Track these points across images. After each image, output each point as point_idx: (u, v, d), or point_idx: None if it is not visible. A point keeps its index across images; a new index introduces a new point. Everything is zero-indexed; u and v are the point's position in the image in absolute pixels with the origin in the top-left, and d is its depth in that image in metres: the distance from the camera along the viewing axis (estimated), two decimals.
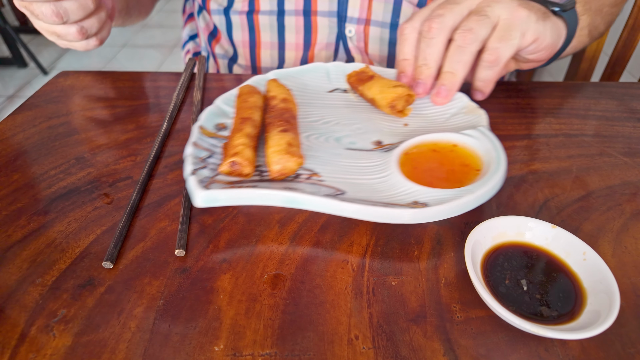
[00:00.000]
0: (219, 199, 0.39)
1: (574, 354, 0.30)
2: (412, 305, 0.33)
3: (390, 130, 0.49)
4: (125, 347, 0.31)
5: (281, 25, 0.70)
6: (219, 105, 0.49)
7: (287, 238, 0.39)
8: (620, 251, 0.38)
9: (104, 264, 0.36)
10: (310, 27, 0.69)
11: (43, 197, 0.43)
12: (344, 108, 0.53)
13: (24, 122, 0.54)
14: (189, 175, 0.40)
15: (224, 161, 0.41)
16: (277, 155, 0.41)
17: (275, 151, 0.41)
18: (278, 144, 0.42)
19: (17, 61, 2.44)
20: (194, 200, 0.39)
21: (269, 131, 0.44)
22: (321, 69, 0.58)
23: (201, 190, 0.38)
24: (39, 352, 0.30)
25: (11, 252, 0.37)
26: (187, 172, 0.40)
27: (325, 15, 0.68)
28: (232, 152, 0.41)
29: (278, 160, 0.41)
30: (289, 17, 0.69)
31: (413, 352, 0.30)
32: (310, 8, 0.68)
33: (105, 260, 0.36)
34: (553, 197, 0.44)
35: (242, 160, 0.41)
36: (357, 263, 0.37)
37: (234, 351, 0.30)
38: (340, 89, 0.57)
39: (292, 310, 0.33)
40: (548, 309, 0.32)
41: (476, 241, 0.34)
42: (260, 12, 0.69)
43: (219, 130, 0.47)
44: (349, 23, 0.68)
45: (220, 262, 0.37)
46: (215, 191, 0.38)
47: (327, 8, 0.68)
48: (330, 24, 0.69)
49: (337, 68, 0.58)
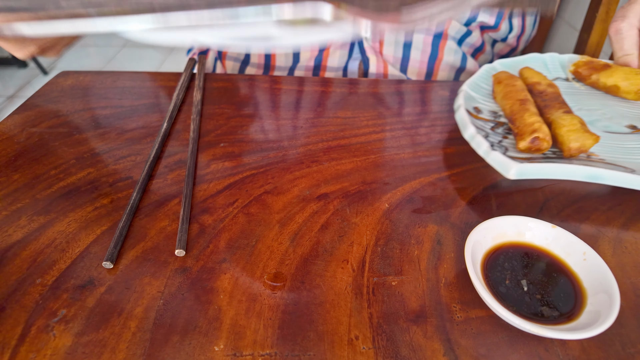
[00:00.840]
0: (530, 172, 0.42)
1: (574, 354, 0.30)
2: (412, 305, 0.33)
3: (636, 115, 0.51)
4: (126, 347, 0.31)
5: None
6: (467, 91, 0.53)
7: (287, 238, 0.39)
8: (620, 251, 0.38)
9: (104, 264, 0.36)
10: None
11: (43, 197, 0.43)
12: (575, 95, 0.56)
13: (24, 122, 0.54)
14: (490, 151, 0.43)
15: (520, 138, 0.44)
16: (574, 133, 0.44)
17: (571, 130, 0.44)
18: (572, 124, 0.45)
19: (17, 61, 2.44)
20: (506, 172, 0.42)
21: (550, 113, 0.47)
22: (538, 59, 0.61)
23: (515, 162, 0.41)
24: (39, 352, 0.30)
25: (11, 252, 0.37)
26: (485, 148, 0.44)
27: None
28: (530, 129, 0.44)
29: (576, 138, 0.43)
30: (300, 71, 0.70)
31: (413, 352, 0.30)
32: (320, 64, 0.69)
33: (105, 260, 0.36)
34: (553, 197, 0.44)
35: (543, 135, 0.44)
36: (357, 263, 0.37)
37: (234, 351, 0.30)
38: (561, 77, 0.60)
39: (292, 310, 0.33)
40: (548, 309, 0.32)
41: (476, 241, 0.35)
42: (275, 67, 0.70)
43: (478, 113, 0.52)
44: None
45: (220, 262, 0.37)
46: (528, 164, 0.42)
47: None
48: None
49: (552, 58, 0.61)
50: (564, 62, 0.61)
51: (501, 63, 0.60)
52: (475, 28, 0.71)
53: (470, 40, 0.72)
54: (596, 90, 0.57)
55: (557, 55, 0.62)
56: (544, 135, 0.44)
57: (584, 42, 0.81)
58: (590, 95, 0.57)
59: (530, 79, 0.54)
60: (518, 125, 0.46)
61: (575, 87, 0.58)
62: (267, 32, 0.36)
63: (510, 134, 0.50)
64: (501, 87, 0.53)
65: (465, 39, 0.72)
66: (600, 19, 0.77)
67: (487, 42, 0.75)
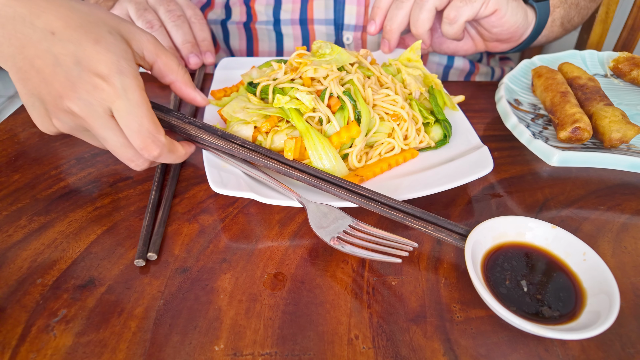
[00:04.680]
0: (572, 160, 0.44)
1: (574, 354, 0.30)
2: (412, 305, 0.34)
3: None
4: (126, 347, 0.31)
5: (279, 34, 0.71)
6: (508, 83, 0.55)
7: (287, 238, 0.39)
8: (620, 251, 0.38)
9: (136, 262, 0.36)
10: (307, 35, 0.70)
11: (43, 197, 0.43)
12: (614, 90, 0.58)
13: (25, 122, 0.54)
14: (533, 139, 0.45)
15: (561, 128, 0.46)
16: (616, 124, 0.45)
17: (613, 121, 0.46)
18: (614, 115, 0.47)
19: None
20: (548, 159, 0.44)
21: (591, 105, 0.49)
22: (576, 55, 0.63)
23: (558, 150, 0.43)
24: (39, 352, 0.30)
25: (11, 252, 0.37)
26: (527, 136, 0.46)
27: (322, 23, 0.69)
28: (571, 119, 0.46)
29: (618, 129, 0.45)
30: (285, 26, 0.70)
31: (413, 352, 0.30)
32: (306, 17, 0.69)
33: (137, 259, 0.36)
34: (553, 197, 0.44)
35: (584, 125, 0.45)
36: (357, 263, 0.37)
37: (234, 351, 0.30)
38: (599, 74, 0.62)
39: (292, 310, 0.33)
40: (548, 310, 0.32)
41: (476, 241, 0.35)
42: (257, 22, 0.70)
43: (519, 105, 0.54)
44: (346, 30, 0.69)
45: (220, 262, 0.37)
46: (570, 152, 0.43)
47: (323, 16, 0.69)
48: (328, 32, 0.70)
49: (591, 55, 0.63)
50: (603, 59, 0.62)
51: (540, 58, 0.61)
52: None
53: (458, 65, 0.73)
54: (635, 86, 0.59)
55: (595, 52, 0.63)
56: (585, 125, 0.45)
57: (584, 42, 0.81)
58: (629, 91, 0.58)
59: (570, 73, 0.56)
60: (559, 116, 0.48)
61: (614, 82, 0.60)
62: None
63: (550, 126, 0.51)
64: (541, 80, 0.54)
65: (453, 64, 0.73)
66: (600, 19, 0.77)
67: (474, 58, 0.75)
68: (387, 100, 0.47)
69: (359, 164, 0.44)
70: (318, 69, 0.45)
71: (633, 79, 0.58)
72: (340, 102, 0.44)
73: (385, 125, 0.46)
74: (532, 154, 0.48)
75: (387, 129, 0.46)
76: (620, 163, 0.43)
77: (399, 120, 0.46)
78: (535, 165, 0.47)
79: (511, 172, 0.47)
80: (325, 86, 0.45)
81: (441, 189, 0.40)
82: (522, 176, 0.46)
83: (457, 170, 0.42)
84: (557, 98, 0.49)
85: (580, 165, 0.44)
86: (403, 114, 0.46)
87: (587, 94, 0.51)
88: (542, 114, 0.52)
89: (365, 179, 0.43)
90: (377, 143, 0.46)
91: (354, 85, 0.46)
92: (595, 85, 0.52)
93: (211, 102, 0.51)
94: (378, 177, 0.44)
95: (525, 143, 0.46)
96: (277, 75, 0.47)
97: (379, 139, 0.46)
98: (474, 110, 0.57)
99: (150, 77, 0.64)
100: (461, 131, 0.48)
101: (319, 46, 0.49)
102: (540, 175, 0.46)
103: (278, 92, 0.45)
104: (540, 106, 0.54)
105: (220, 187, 0.39)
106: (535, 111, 0.53)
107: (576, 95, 0.52)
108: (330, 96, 0.44)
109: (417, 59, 0.56)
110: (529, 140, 0.46)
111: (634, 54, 0.59)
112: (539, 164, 0.48)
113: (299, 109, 0.43)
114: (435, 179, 0.42)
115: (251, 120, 0.44)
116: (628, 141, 0.46)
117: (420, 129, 0.47)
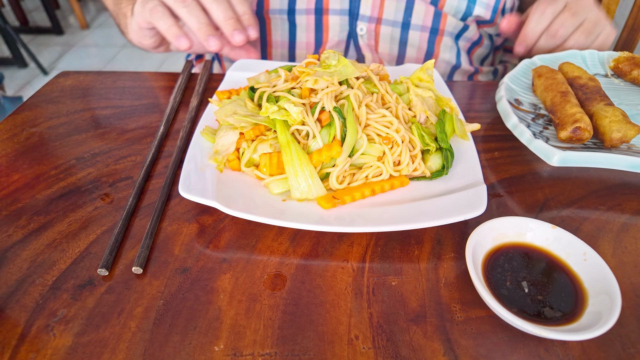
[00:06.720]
0: (572, 160, 0.43)
1: (574, 354, 0.30)
2: (412, 305, 0.33)
3: None
4: (126, 347, 0.31)
5: (292, 24, 0.70)
6: (508, 83, 0.55)
7: (287, 238, 0.39)
8: (620, 251, 0.38)
9: (99, 271, 0.35)
10: (321, 25, 0.70)
11: (43, 197, 0.43)
12: (614, 90, 0.58)
13: (24, 122, 0.54)
14: (533, 139, 0.45)
15: (562, 128, 0.46)
16: (617, 124, 0.45)
17: (614, 121, 0.46)
18: (614, 115, 0.46)
19: (17, 61, 2.44)
20: (549, 159, 0.43)
21: (592, 105, 0.49)
22: (577, 55, 0.63)
23: (558, 150, 0.43)
24: (39, 352, 0.30)
25: (11, 252, 0.37)
26: (527, 136, 0.46)
27: (336, 13, 0.69)
28: (571, 119, 0.46)
29: (619, 129, 0.45)
30: (300, 16, 0.69)
31: (413, 352, 0.30)
32: (322, 6, 0.68)
33: (100, 268, 0.35)
34: (553, 197, 0.44)
35: (585, 125, 0.45)
36: (357, 263, 0.37)
37: (234, 351, 0.30)
38: (600, 74, 0.62)
39: (292, 310, 0.33)
40: (550, 310, 0.32)
41: (477, 242, 0.34)
42: (270, 10, 0.69)
43: (519, 105, 0.54)
44: (360, 21, 0.69)
45: (220, 262, 0.37)
46: (571, 152, 0.43)
47: (338, 6, 0.68)
48: (342, 22, 0.69)
49: (592, 54, 0.63)
50: (603, 59, 0.62)
51: (540, 58, 0.61)
52: (471, 22, 0.71)
53: (468, 34, 0.72)
54: (635, 86, 0.59)
55: (596, 51, 0.63)
56: (586, 125, 0.45)
57: None
58: (629, 90, 0.58)
59: (570, 73, 0.56)
60: (559, 116, 0.47)
61: (615, 82, 0.60)
62: None
63: (551, 126, 0.51)
64: (542, 80, 0.54)
65: (463, 33, 0.72)
66: None
67: (484, 36, 0.75)
68: (381, 121, 0.44)
69: (339, 186, 0.41)
70: (319, 80, 0.43)
71: (633, 78, 0.58)
72: (330, 118, 0.42)
73: (375, 148, 0.43)
74: (533, 153, 0.48)
75: (377, 152, 0.43)
76: (620, 163, 0.43)
77: (391, 143, 0.43)
78: (535, 165, 0.47)
79: (511, 172, 0.47)
80: (320, 99, 0.43)
81: (416, 226, 0.37)
82: (522, 176, 0.46)
83: (443, 207, 0.39)
84: (557, 98, 0.49)
85: (580, 165, 0.44)
86: (396, 137, 0.43)
87: (588, 93, 0.51)
88: (542, 114, 0.53)
89: (341, 202, 0.40)
90: (365, 165, 0.43)
91: (349, 102, 0.43)
92: (595, 85, 0.52)
93: (211, 102, 0.51)
94: (358, 202, 0.41)
95: (526, 143, 0.46)
96: (277, 82, 0.47)
97: (368, 161, 0.43)
98: (475, 110, 0.57)
99: (151, 77, 0.64)
100: (465, 163, 0.44)
101: (327, 56, 0.47)
102: (540, 175, 0.46)
103: (272, 100, 0.44)
104: (540, 106, 0.54)
105: (186, 192, 0.38)
106: (536, 111, 0.53)
107: (577, 95, 0.52)
108: (322, 110, 0.42)
109: (429, 79, 0.52)
110: (529, 140, 0.46)
111: (634, 54, 0.59)
112: (540, 164, 0.48)
113: (286, 120, 0.42)
114: (415, 214, 0.38)
115: (238, 127, 0.44)
116: (628, 141, 0.45)
117: (416, 155, 0.44)
